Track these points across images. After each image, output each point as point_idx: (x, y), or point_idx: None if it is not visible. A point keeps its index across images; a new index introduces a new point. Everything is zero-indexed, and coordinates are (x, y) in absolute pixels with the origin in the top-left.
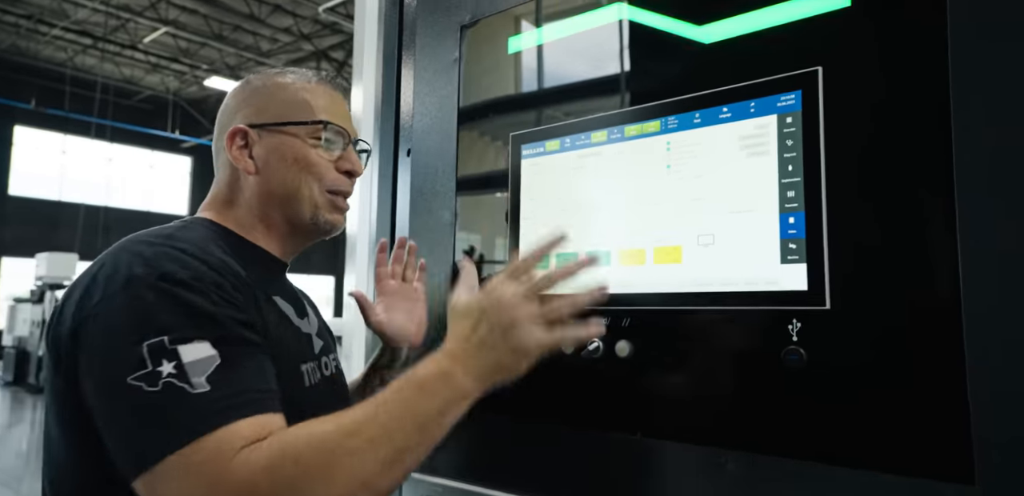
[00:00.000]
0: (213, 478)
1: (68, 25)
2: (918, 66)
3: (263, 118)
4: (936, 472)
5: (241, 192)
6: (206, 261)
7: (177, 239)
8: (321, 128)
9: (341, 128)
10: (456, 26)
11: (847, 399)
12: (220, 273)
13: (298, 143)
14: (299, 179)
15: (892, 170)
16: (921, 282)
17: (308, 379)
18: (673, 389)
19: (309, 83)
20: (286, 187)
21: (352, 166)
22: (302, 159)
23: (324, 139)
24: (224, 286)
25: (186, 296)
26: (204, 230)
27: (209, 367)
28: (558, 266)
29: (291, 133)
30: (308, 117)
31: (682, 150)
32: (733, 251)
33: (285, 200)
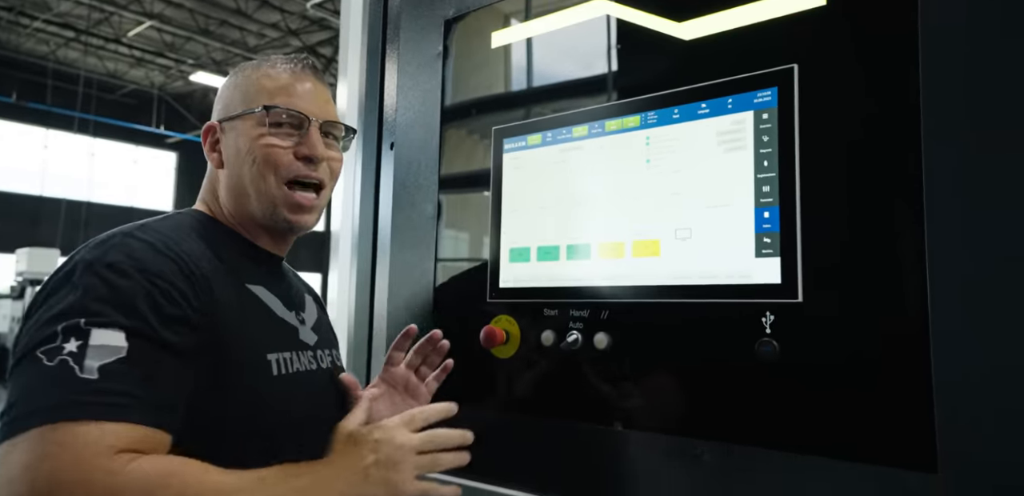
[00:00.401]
0: (71, 465)
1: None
2: (891, 64)
3: (226, 111)
4: (901, 461)
5: (219, 186)
6: (161, 251)
7: (148, 228)
8: (264, 114)
9: (295, 111)
10: (440, 20)
11: (817, 390)
12: (174, 261)
13: (252, 132)
14: (253, 171)
15: (864, 166)
16: (890, 275)
17: (278, 368)
18: (650, 381)
19: (273, 68)
20: (242, 181)
21: (308, 151)
22: (254, 148)
23: (270, 124)
24: (166, 276)
25: (120, 284)
26: (188, 220)
27: (111, 356)
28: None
29: (246, 122)
30: (257, 103)
31: (661, 145)
32: (710, 245)
33: (244, 195)
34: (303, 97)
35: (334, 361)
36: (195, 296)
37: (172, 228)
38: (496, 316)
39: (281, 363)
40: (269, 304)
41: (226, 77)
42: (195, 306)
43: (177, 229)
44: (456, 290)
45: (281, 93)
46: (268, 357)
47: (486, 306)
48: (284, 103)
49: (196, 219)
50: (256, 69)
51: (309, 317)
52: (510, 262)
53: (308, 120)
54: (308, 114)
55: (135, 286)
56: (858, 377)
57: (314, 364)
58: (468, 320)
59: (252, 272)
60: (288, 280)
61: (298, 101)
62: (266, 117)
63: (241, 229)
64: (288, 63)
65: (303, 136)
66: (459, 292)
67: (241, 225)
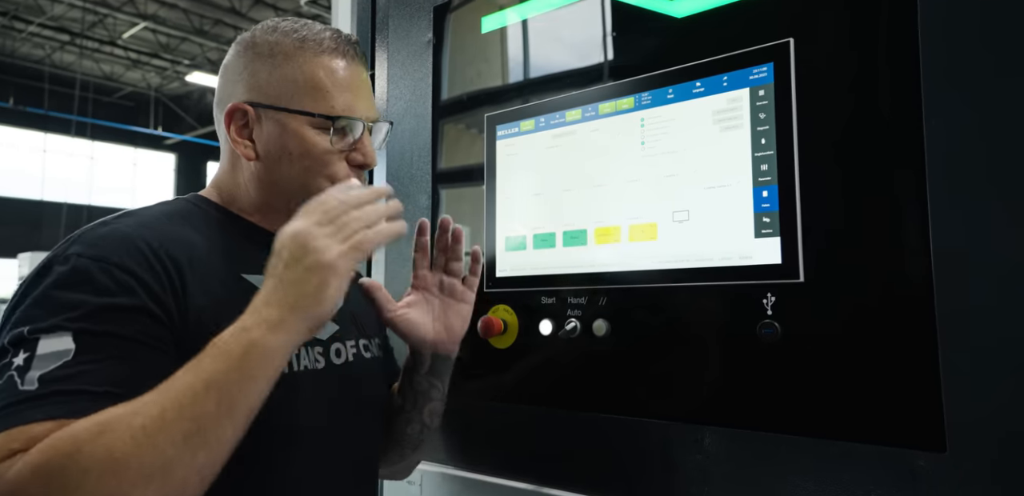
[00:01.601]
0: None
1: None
2: (888, 37)
3: (266, 96)
4: (908, 441)
5: (241, 174)
6: (126, 238)
7: (127, 215)
8: (331, 123)
9: (358, 119)
10: (429, 7)
11: (821, 371)
12: (140, 250)
13: (303, 132)
14: (305, 175)
15: (863, 142)
16: (893, 254)
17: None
18: (650, 366)
19: (323, 55)
20: (290, 181)
21: (364, 159)
22: (308, 153)
23: (334, 131)
24: (125, 265)
25: (73, 281)
26: (181, 205)
27: (55, 362)
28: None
29: (297, 120)
30: (318, 107)
31: (656, 126)
32: (708, 226)
33: (289, 193)
34: (360, 97)
35: (360, 352)
36: (160, 285)
37: (155, 215)
38: (493, 305)
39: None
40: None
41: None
42: (158, 296)
43: (161, 215)
44: None
45: (341, 93)
46: None
47: (483, 295)
48: (346, 108)
49: (193, 204)
50: (303, 52)
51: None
52: (506, 251)
53: (364, 125)
54: (363, 117)
55: (89, 280)
56: (862, 357)
57: (322, 361)
58: None
59: (254, 260)
60: None
61: (354, 101)
62: (331, 127)
63: (255, 216)
64: (339, 49)
65: (357, 140)
66: None
67: (260, 213)
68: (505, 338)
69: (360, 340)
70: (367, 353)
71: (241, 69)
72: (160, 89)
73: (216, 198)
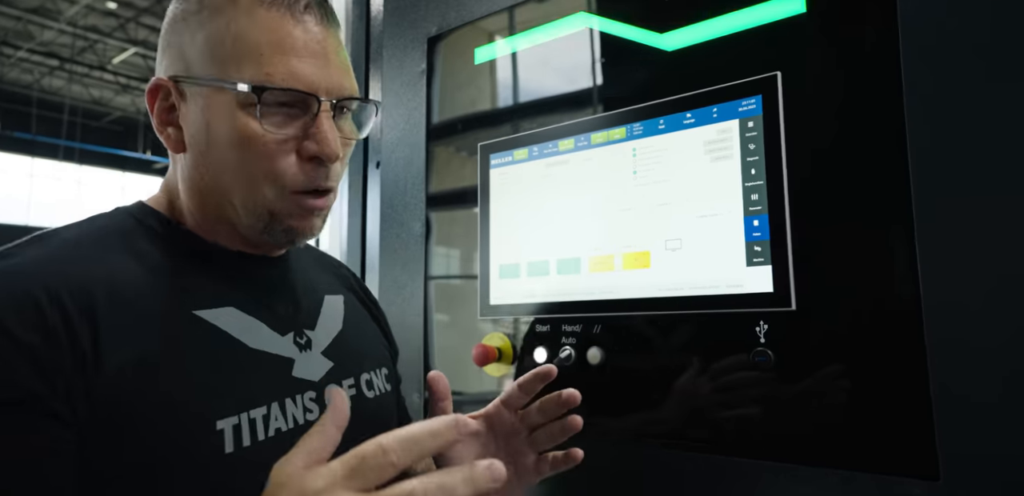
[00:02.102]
0: None
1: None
2: (873, 69)
3: (188, 67)
4: (902, 469)
5: (176, 172)
6: (20, 285)
7: (36, 242)
8: (253, 95)
9: (298, 91)
10: (423, 38)
11: (814, 399)
12: (35, 303)
13: (232, 114)
14: (240, 177)
15: (851, 172)
16: (883, 282)
17: (237, 439)
18: (645, 394)
19: (260, 7)
20: (219, 183)
21: (317, 148)
22: (237, 144)
23: (260, 113)
24: (8, 330)
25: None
26: (117, 222)
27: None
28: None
29: (222, 95)
30: (241, 69)
31: (648, 156)
32: (700, 255)
33: (220, 198)
34: (310, 60)
35: (361, 393)
36: (55, 353)
37: (73, 239)
38: (488, 333)
39: (245, 429)
40: (236, 334)
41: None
42: (49, 374)
43: (80, 240)
44: (447, 308)
45: (277, 52)
46: (218, 425)
47: (477, 323)
48: (284, 74)
49: (133, 217)
50: (236, 3)
51: (324, 333)
52: (500, 278)
53: (317, 101)
54: (316, 90)
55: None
56: (855, 385)
57: (315, 410)
58: (459, 338)
59: (212, 288)
60: (291, 283)
61: (303, 68)
62: (257, 103)
63: (197, 227)
64: (284, 1)
65: (309, 123)
66: (450, 310)
67: (208, 228)
68: (500, 366)
69: (361, 376)
70: (370, 391)
71: (169, 34)
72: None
73: (162, 206)
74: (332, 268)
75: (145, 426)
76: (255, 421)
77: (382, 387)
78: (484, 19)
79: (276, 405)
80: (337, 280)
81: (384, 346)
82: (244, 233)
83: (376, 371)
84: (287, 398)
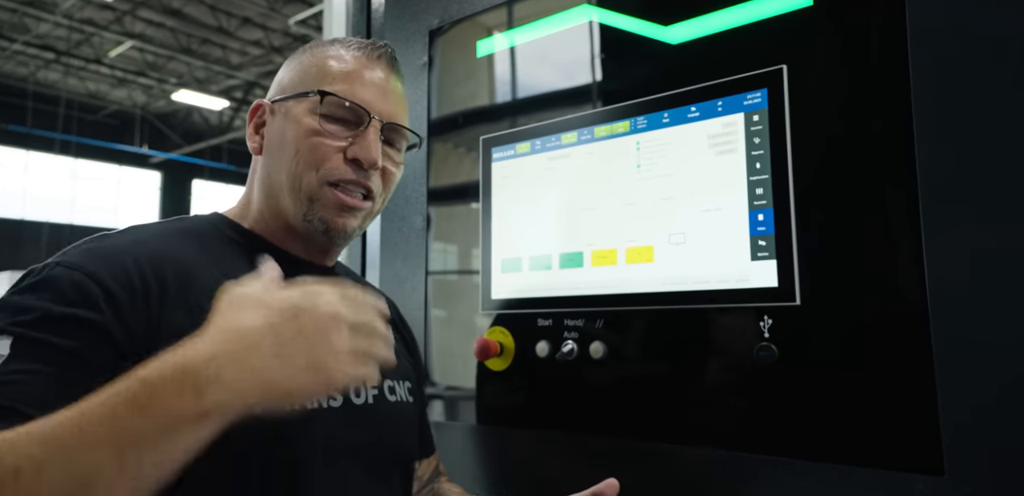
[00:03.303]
0: None
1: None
2: (879, 63)
3: (281, 91)
4: (906, 464)
5: (255, 178)
6: (113, 252)
7: (132, 230)
8: (319, 101)
9: (356, 103)
10: (424, 30)
11: (818, 394)
12: (122, 265)
13: (302, 120)
14: (292, 164)
15: (857, 166)
16: (888, 277)
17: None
18: (647, 389)
19: (345, 49)
20: (278, 174)
21: (361, 153)
22: (300, 138)
23: (321, 114)
24: (98, 276)
25: (38, 286)
26: (193, 223)
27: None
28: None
29: (298, 106)
30: (311, 86)
31: (652, 150)
32: (704, 249)
33: (278, 190)
34: (369, 88)
35: (383, 395)
36: (131, 305)
37: (159, 231)
38: (489, 327)
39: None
40: None
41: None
42: (125, 316)
43: (166, 232)
44: (448, 302)
45: (345, 79)
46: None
47: (478, 317)
48: (345, 92)
49: (209, 222)
50: (326, 48)
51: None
52: (502, 272)
53: (368, 116)
54: (370, 109)
55: (53, 288)
56: (859, 380)
57: (339, 399)
58: (461, 332)
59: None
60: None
61: (364, 93)
62: (319, 105)
63: (270, 234)
64: (364, 48)
65: (359, 135)
66: (451, 304)
67: (271, 229)
68: (501, 360)
69: (385, 381)
70: (392, 396)
71: (280, 70)
72: (146, 107)
73: (235, 215)
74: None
75: None
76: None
77: (404, 397)
78: (486, 12)
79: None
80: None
81: (410, 365)
82: (292, 222)
83: (399, 382)
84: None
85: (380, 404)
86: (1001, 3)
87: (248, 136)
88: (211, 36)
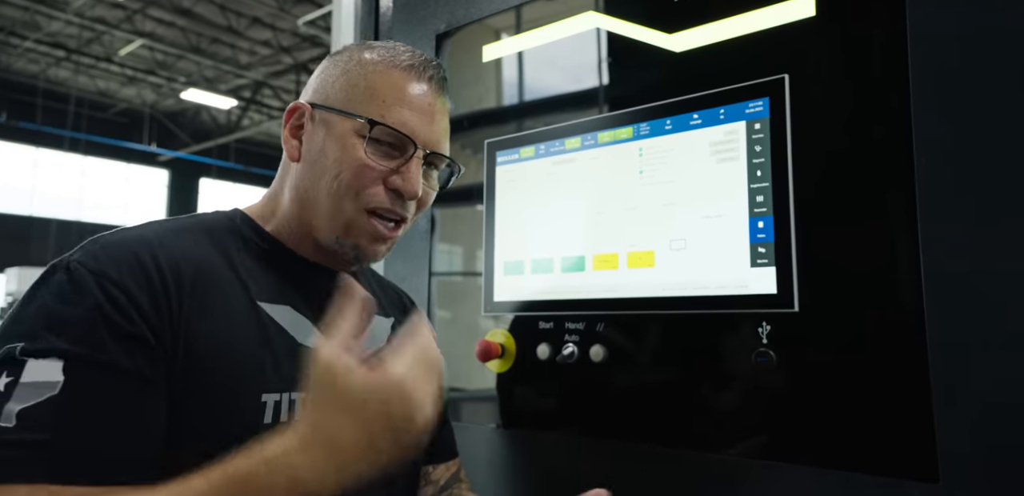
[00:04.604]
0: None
1: (41, 37)
2: (880, 73)
3: (325, 98)
4: (901, 470)
5: (285, 182)
6: (131, 252)
7: (150, 225)
8: (367, 127)
9: (404, 134)
10: (431, 34)
11: (815, 400)
12: (141, 266)
13: (346, 139)
14: (333, 186)
15: (857, 175)
16: (885, 285)
17: (275, 414)
18: (647, 393)
19: (393, 65)
20: (317, 190)
21: (402, 184)
22: (344, 160)
23: (368, 139)
24: (123, 283)
25: (70, 295)
26: (211, 219)
27: (40, 395)
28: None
29: (344, 123)
30: (366, 107)
31: (654, 156)
32: (704, 255)
33: (313, 206)
34: (419, 115)
35: None
36: (155, 308)
37: (178, 227)
38: (491, 329)
39: (284, 407)
40: (290, 329)
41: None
42: (151, 320)
43: (185, 229)
44: (451, 303)
45: (396, 103)
46: (264, 398)
47: (481, 319)
48: (396, 120)
49: (229, 219)
50: (376, 59)
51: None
52: (504, 275)
53: (415, 147)
54: (417, 140)
55: (86, 296)
56: (856, 386)
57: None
58: (463, 333)
59: (276, 287)
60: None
61: (412, 119)
62: (368, 132)
63: (295, 243)
64: (416, 69)
65: (403, 164)
66: (454, 305)
67: (296, 238)
68: (502, 362)
69: None
70: None
71: (318, 73)
72: (155, 106)
73: (258, 215)
74: (393, 294)
75: (206, 386)
76: (295, 402)
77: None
78: (493, 17)
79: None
80: (393, 305)
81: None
82: (322, 241)
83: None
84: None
85: None
86: (1003, 13)
87: (284, 138)
88: (221, 35)
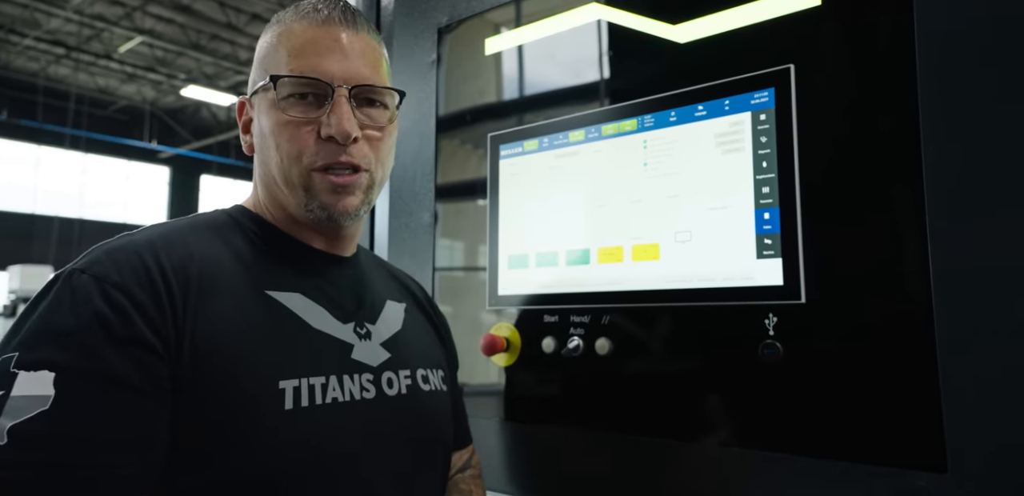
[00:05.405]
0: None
1: (41, 35)
2: (886, 63)
3: (252, 84)
4: (909, 461)
5: (255, 175)
6: (134, 254)
7: (154, 227)
8: (272, 85)
9: (309, 77)
10: (433, 28)
11: (822, 391)
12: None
13: (270, 111)
14: (278, 159)
15: (863, 165)
16: (893, 275)
17: (296, 399)
18: (653, 386)
19: (297, 22)
20: (269, 170)
21: (332, 129)
22: (274, 131)
23: (285, 98)
24: (126, 286)
25: (69, 302)
26: (213, 216)
27: (31, 410)
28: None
29: (265, 98)
30: (269, 74)
31: (658, 148)
32: (710, 247)
33: (274, 185)
34: (328, 54)
35: (416, 384)
36: (159, 311)
37: (182, 227)
38: (496, 323)
39: (304, 392)
40: (302, 315)
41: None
42: (155, 324)
43: (188, 228)
44: (455, 298)
45: (300, 54)
46: (281, 385)
47: (485, 313)
48: (300, 68)
49: (228, 214)
50: (279, 25)
51: (383, 329)
52: (509, 268)
53: (331, 87)
54: (328, 78)
55: (85, 304)
56: (863, 378)
57: (372, 391)
58: (467, 327)
59: (285, 276)
60: (357, 283)
61: (321, 62)
62: (273, 92)
63: (282, 224)
64: (311, 13)
65: (328, 109)
66: (458, 300)
67: (280, 220)
68: (507, 356)
69: (418, 370)
70: (426, 385)
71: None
72: (155, 103)
73: (253, 206)
74: (403, 281)
75: (218, 381)
76: (314, 387)
77: (438, 385)
78: (495, 10)
79: (335, 378)
80: (403, 290)
81: (442, 353)
82: (297, 216)
83: (432, 370)
84: (345, 374)
85: (414, 394)
86: (1010, 1)
87: (241, 136)
88: (220, 32)
